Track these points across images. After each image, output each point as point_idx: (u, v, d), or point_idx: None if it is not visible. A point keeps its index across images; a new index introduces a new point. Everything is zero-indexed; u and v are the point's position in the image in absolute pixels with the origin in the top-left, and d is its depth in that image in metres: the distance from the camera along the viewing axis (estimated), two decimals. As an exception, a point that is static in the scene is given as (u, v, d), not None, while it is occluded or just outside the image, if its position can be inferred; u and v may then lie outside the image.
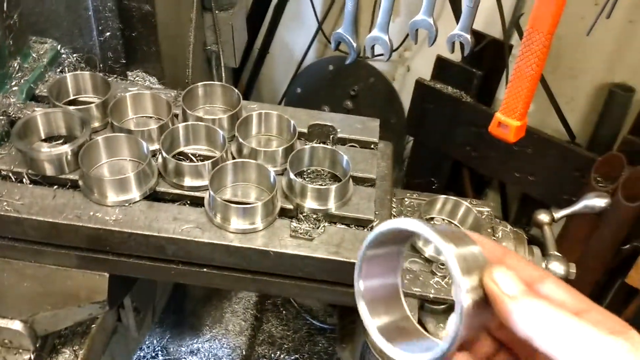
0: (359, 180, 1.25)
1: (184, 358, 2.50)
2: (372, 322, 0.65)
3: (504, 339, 0.65)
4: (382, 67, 2.43)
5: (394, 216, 1.30)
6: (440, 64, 2.07)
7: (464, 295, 0.55)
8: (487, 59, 2.05)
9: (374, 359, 1.30)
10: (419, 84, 2.10)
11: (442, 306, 1.20)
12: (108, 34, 1.56)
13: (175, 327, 2.56)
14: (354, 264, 1.09)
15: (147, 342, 2.50)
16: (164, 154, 1.17)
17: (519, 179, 2.07)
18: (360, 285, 0.66)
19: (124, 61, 1.61)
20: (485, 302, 0.57)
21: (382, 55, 1.49)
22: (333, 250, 1.11)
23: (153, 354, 2.49)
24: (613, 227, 1.81)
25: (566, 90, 2.12)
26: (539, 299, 0.54)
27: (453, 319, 0.56)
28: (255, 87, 2.74)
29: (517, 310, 0.54)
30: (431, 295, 1.16)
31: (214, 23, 2.07)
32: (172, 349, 2.52)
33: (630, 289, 1.92)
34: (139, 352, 2.44)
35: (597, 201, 1.38)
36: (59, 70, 1.47)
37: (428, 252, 1.22)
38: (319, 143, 1.31)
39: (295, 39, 2.62)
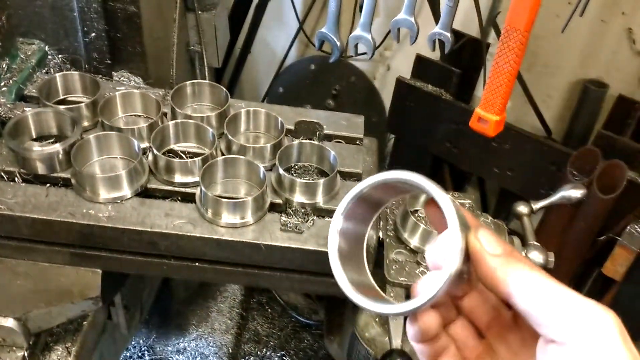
0: (345, 175, 1.29)
1: (171, 357, 2.51)
2: (340, 266, 0.64)
3: (465, 307, 0.67)
4: (362, 67, 2.47)
5: (380, 209, 1.33)
6: (420, 62, 2.12)
7: (458, 251, 0.56)
8: (465, 57, 2.10)
9: (362, 348, 1.34)
10: (400, 83, 2.14)
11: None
12: (93, 34, 1.57)
13: (161, 327, 2.57)
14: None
15: (133, 343, 2.51)
16: (155, 152, 1.20)
17: (497, 174, 2.13)
18: (340, 221, 0.65)
19: (109, 61, 1.63)
20: (465, 266, 0.58)
21: (365, 54, 1.52)
22: (322, 243, 1.15)
23: (139, 354, 2.50)
24: (589, 219, 1.87)
25: (542, 87, 2.19)
26: (522, 260, 0.57)
27: (434, 276, 0.57)
28: (238, 87, 2.77)
29: (501, 267, 0.56)
30: (417, 285, 1.20)
31: (197, 23, 2.09)
32: (158, 349, 2.53)
33: (606, 279, 1.98)
34: (125, 352, 2.45)
35: (573, 192, 1.43)
36: (44, 71, 1.48)
37: (413, 243, 1.26)
38: (306, 139, 1.34)
39: (277, 39, 2.65)
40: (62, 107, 1.28)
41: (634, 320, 2.04)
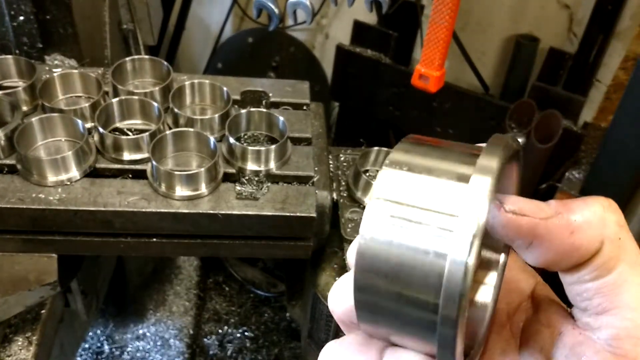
0: (295, 140, 1.30)
1: (131, 344, 2.48)
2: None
3: None
4: (301, 36, 2.47)
5: (332, 172, 1.36)
6: (358, 28, 2.14)
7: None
8: (401, 20, 2.13)
9: (325, 307, 1.37)
10: (340, 49, 2.16)
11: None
12: (21, 18, 1.52)
13: (118, 315, 2.54)
14: (301, 217, 1.15)
15: (91, 333, 2.47)
16: (101, 130, 1.17)
17: (440, 133, 2.18)
18: None
19: (40, 45, 1.58)
20: None
21: (304, 22, 1.53)
22: (279, 207, 1.16)
23: (99, 344, 2.46)
24: (529, 169, 1.95)
25: (477, 45, 2.24)
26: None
27: None
28: (175, 65, 2.72)
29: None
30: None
31: (128, 1, 2.04)
32: (117, 337, 2.50)
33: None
34: (83, 344, 2.41)
35: (514, 141, 1.49)
36: (-28, 60, 1.42)
37: (367, 200, 1.29)
38: (253, 108, 1.35)
39: (211, 14, 2.61)
40: (-2, 92, 1.24)
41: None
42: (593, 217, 0.38)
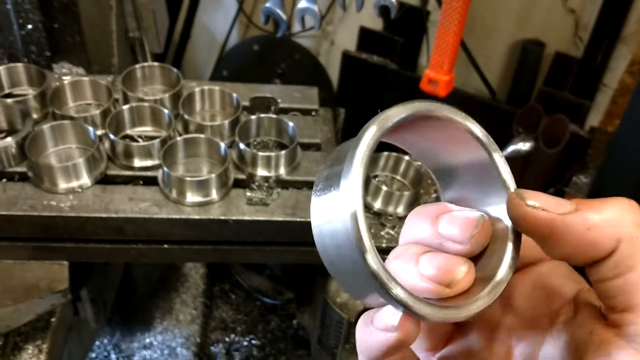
0: (305, 146, 1.30)
1: (138, 353, 2.48)
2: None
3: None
4: (306, 43, 2.47)
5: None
6: (364, 34, 2.14)
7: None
8: (407, 26, 2.14)
9: (335, 314, 1.36)
10: (346, 56, 2.16)
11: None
12: (30, 27, 1.52)
13: (125, 324, 2.53)
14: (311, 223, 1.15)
15: (97, 343, 2.46)
16: (112, 137, 1.18)
17: (447, 138, 2.18)
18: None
19: (48, 54, 1.58)
20: None
21: (312, 28, 1.53)
22: (289, 212, 1.16)
23: (105, 353, 2.46)
24: (537, 173, 1.94)
25: (483, 50, 2.25)
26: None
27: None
28: (180, 72, 2.72)
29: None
30: (384, 245, 1.23)
31: (134, 9, 2.05)
32: (124, 346, 2.49)
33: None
34: (90, 353, 2.40)
35: (521, 145, 1.49)
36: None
37: (377, 206, 1.28)
38: (262, 114, 1.35)
39: (216, 21, 2.62)
40: (9, 100, 1.24)
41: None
42: (611, 216, 0.39)
